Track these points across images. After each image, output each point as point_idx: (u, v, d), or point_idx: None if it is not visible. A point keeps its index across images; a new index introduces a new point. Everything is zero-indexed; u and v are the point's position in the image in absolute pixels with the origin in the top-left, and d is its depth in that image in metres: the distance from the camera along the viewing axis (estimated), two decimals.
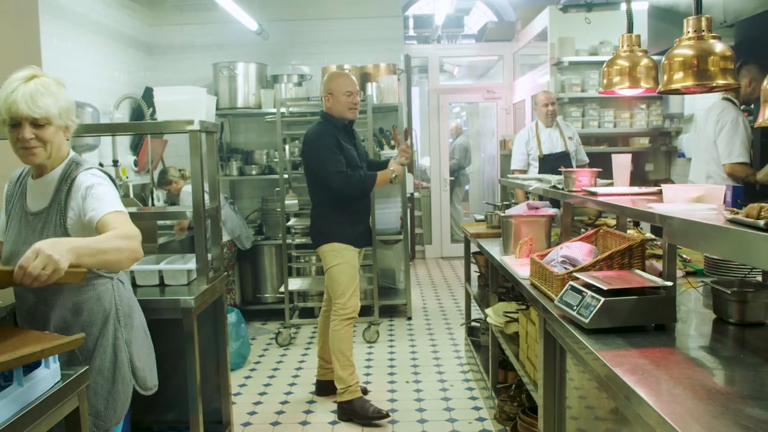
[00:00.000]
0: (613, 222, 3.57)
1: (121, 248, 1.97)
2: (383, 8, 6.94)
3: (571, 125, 5.89)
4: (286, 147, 5.89)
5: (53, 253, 1.69)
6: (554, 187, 3.39)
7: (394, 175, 3.94)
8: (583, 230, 3.58)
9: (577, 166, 5.57)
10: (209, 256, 3.34)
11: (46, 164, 2.20)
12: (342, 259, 3.94)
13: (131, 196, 5.42)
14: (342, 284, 3.94)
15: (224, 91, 6.34)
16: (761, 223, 1.51)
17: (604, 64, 2.85)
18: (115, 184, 2.31)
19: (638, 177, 6.79)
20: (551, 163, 5.44)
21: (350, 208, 4.00)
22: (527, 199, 5.57)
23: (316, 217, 4.06)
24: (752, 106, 4.54)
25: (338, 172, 3.76)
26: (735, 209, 1.75)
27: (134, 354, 2.36)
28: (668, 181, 6.63)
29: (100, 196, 2.16)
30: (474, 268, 4.87)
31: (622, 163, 3.17)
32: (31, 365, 1.67)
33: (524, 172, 5.83)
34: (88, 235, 2.08)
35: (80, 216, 2.16)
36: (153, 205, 5.86)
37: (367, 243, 4.22)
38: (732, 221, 1.66)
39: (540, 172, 5.58)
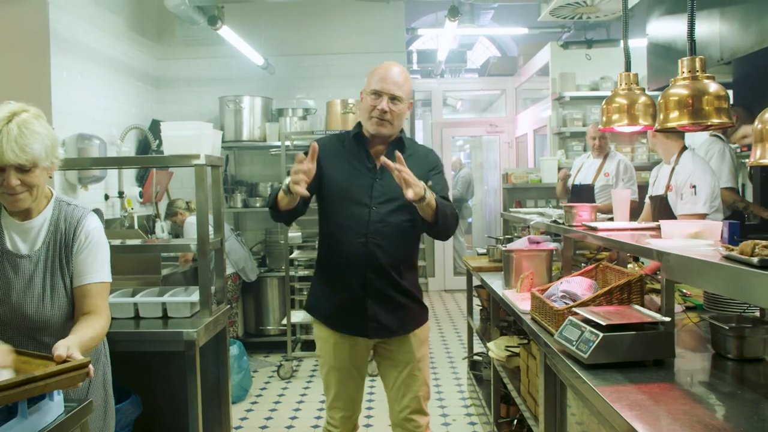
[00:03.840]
0: (614, 256, 3.59)
1: (101, 337, 2.12)
2: (387, 44, 7.06)
3: (617, 156, 5.53)
4: (288, 179, 5.93)
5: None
6: (555, 221, 3.42)
7: (285, 184, 2.39)
8: (583, 264, 3.60)
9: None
10: (213, 288, 3.36)
11: (30, 209, 2.11)
12: (318, 349, 2.73)
13: (136, 227, 5.47)
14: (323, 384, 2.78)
15: (230, 124, 6.42)
16: (755, 260, 1.54)
17: (603, 102, 2.90)
18: (103, 223, 2.29)
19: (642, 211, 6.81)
20: (575, 193, 5.46)
21: (327, 253, 2.68)
22: (567, 195, 5.55)
23: None
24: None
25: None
26: (730, 246, 1.78)
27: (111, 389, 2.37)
28: None
29: (93, 257, 2.16)
30: (476, 301, 4.87)
31: (621, 198, 3.21)
32: (35, 397, 1.69)
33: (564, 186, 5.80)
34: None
35: (72, 260, 2.16)
36: (167, 234, 5.91)
37: (356, 330, 2.59)
38: (727, 258, 1.69)
39: (569, 201, 5.57)
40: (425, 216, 2.37)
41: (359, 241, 2.51)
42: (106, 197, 5.40)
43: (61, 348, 1.75)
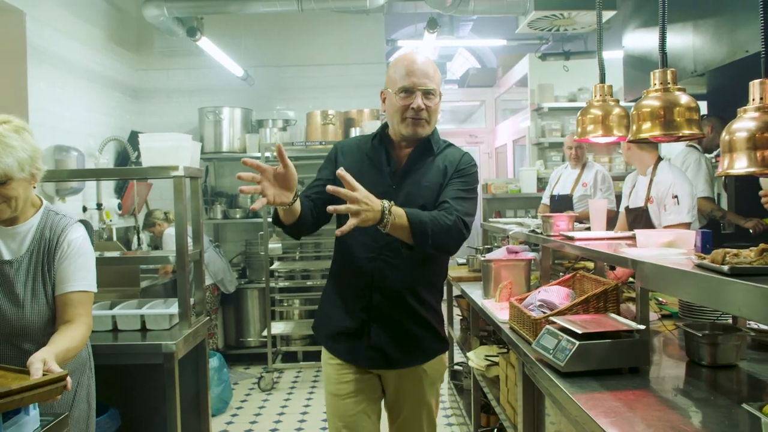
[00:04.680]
0: (593, 265, 3.63)
1: (80, 347, 2.10)
2: (367, 55, 7.09)
3: (595, 167, 5.58)
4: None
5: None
6: (533, 231, 3.46)
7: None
8: (561, 273, 3.63)
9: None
10: (192, 300, 3.35)
11: (16, 216, 2.13)
12: (323, 377, 2.42)
13: (115, 239, 5.43)
14: None
15: (209, 135, 6.41)
16: (725, 268, 1.58)
17: (579, 113, 2.94)
18: (91, 235, 2.30)
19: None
20: (554, 204, 5.52)
21: (336, 269, 2.37)
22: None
23: None
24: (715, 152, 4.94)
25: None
26: (703, 254, 1.81)
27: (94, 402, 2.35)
28: None
29: (76, 265, 2.16)
30: (456, 311, 4.89)
31: (598, 208, 3.26)
32: (10, 411, 1.67)
33: (548, 207, 5.84)
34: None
35: (55, 268, 2.16)
36: (139, 246, 5.87)
37: (354, 357, 2.27)
38: (699, 266, 1.72)
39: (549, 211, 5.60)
40: (402, 239, 2.01)
41: (367, 256, 2.18)
42: (84, 209, 5.35)
43: (36, 363, 1.74)
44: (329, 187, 1.85)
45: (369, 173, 2.18)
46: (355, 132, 6.17)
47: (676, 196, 3.62)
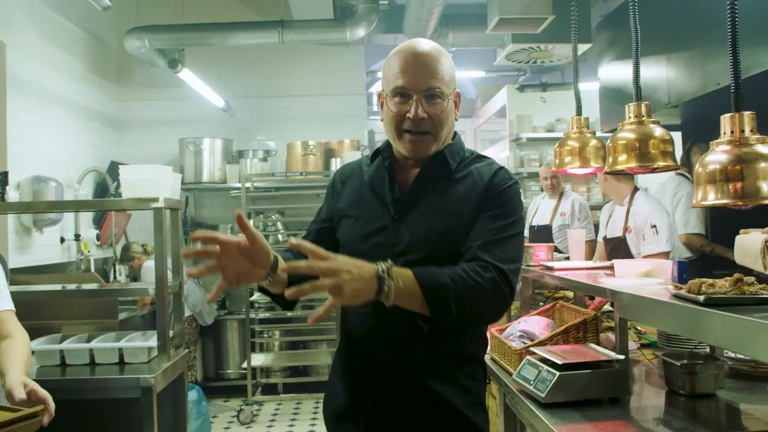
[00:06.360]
0: (572, 295, 3.65)
1: (30, 353, 2.14)
2: (347, 86, 7.15)
3: (572, 196, 5.63)
4: (251, 222, 5.92)
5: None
6: None
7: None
8: (542, 303, 3.65)
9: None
10: (171, 332, 3.32)
11: None
12: None
13: (92, 270, 5.37)
14: None
15: (190, 166, 6.40)
16: (701, 298, 1.60)
17: (556, 145, 2.99)
18: (5, 266, 2.34)
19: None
20: (533, 234, 5.55)
21: (340, 330, 1.83)
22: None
23: None
24: None
25: None
26: (679, 284, 1.84)
27: None
28: None
29: None
30: None
31: (576, 238, 3.29)
32: None
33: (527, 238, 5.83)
34: None
35: None
36: (115, 279, 5.81)
37: None
38: (675, 296, 1.75)
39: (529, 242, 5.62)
40: (416, 310, 1.46)
41: (362, 312, 1.59)
42: (62, 240, 5.31)
43: (17, 390, 1.78)
44: (291, 241, 1.42)
45: (369, 203, 1.62)
46: (335, 163, 6.19)
47: (654, 226, 3.67)
